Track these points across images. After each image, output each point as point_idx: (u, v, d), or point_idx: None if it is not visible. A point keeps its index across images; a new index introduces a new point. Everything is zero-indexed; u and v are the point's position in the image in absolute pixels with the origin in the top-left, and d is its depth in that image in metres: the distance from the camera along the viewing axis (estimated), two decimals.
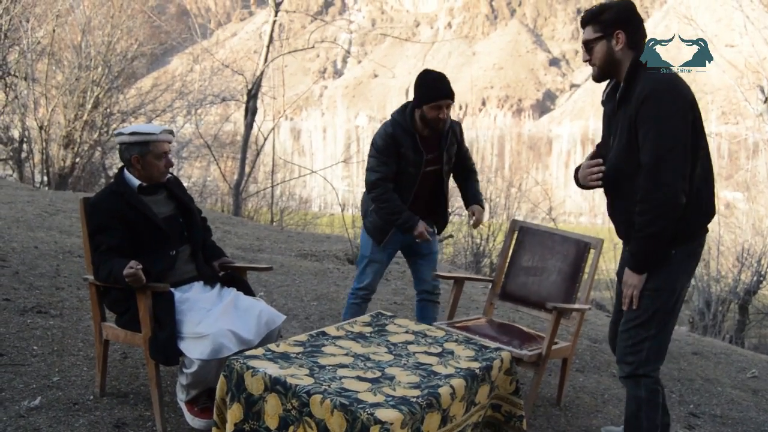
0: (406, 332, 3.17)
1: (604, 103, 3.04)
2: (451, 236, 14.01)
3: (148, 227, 3.20)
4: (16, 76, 14.38)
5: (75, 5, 16.56)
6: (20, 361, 3.60)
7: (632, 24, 2.86)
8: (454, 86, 3.95)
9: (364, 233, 4.17)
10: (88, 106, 15.13)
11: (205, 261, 3.47)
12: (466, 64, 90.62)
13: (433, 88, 3.83)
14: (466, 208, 4.17)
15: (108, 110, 16.18)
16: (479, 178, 4.30)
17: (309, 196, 21.83)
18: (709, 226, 2.91)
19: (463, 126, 4.34)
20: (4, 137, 14.92)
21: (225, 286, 3.42)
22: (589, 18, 2.90)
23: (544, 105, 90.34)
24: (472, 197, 4.14)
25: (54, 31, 15.26)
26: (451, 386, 2.63)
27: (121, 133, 3.31)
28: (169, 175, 3.43)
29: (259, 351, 2.72)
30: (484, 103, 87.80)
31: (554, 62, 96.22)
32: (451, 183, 4.25)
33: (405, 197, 3.94)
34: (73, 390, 3.38)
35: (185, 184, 17.12)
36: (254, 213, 16.45)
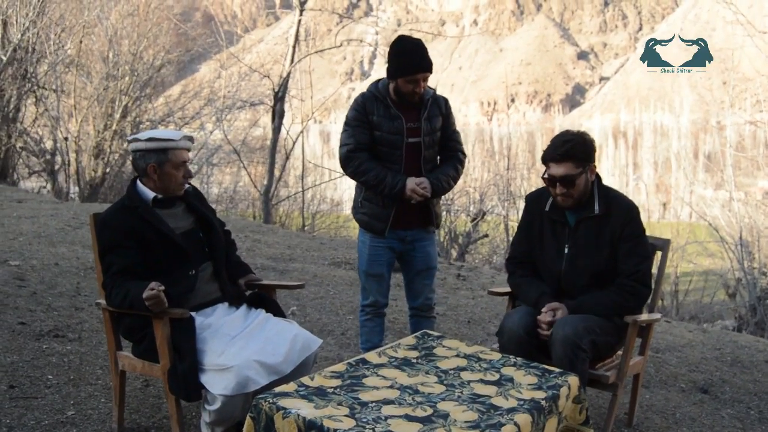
0: (457, 356, 2.80)
1: (546, 213, 3.29)
2: (486, 235, 13.58)
3: (164, 244, 2.86)
4: (45, 89, 14.33)
5: (102, 16, 16.52)
6: (33, 393, 3.30)
7: (595, 154, 3.21)
8: (482, 84, 3.61)
9: (360, 239, 3.77)
10: (117, 116, 15.07)
11: (229, 279, 3.12)
12: (493, 61, 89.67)
13: (408, 59, 3.44)
14: None
15: (137, 119, 16.11)
16: (459, 167, 3.72)
17: (341, 199, 21.54)
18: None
19: (493, 124, 3.92)
20: (36, 150, 14.91)
21: (252, 307, 3.07)
22: (566, 155, 3.11)
23: (574, 99, 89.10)
24: (431, 173, 3.62)
25: (81, 42, 15.20)
26: (516, 424, 2.25)
27: (136, 139, 2.95)
28: (188, 186, 3.08)
29: (291, 386, 2.36)
30: (513, 100, 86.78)
31: (582, 56, 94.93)
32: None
33: (394, 171, 3.54)
34: (89, 426, 3.06)
35: (215, 191, 16.92)
36: (286, 218, 16.20)
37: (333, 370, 2.54)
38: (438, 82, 4.02)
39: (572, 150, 3.12)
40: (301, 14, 14.22)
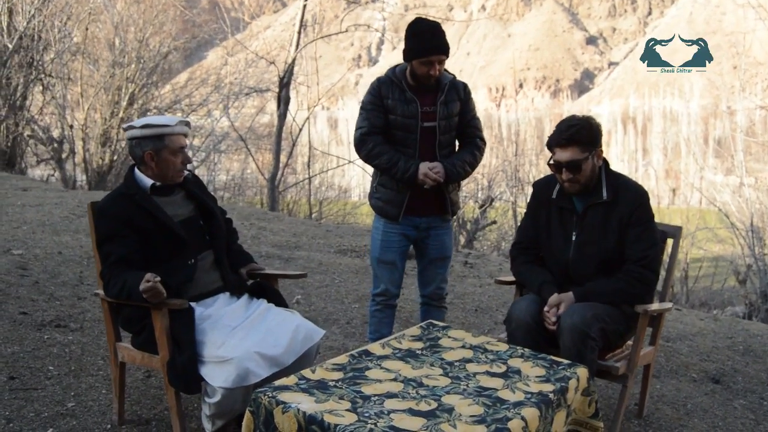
0: (463, 347, 2.73)
1: (553, 200, 3.23)
2: (494, 222, 13.49)
3: (163, 233, 2.80)
4: (52, 77, 14.29)
5: (108, 3, 16.45)
6: (33, 385, 3.25)
7: (601, 139, 3.16)
8: (490, 69, 3.51)
9: (374, 225, 3.72)
10: (124, 103, 15.01)
11: (230, 268, 3.06)
12: (501, 47, 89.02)
13: (423, 41, 3.37)
14: None
15: (144, 106, 16.05)
16: (477, 153, 3.62)
17: (348, 186, 21.51)
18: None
19: (501, 110, 3.83)
20: (44, 138, 14.90)
21: (254, 297, 3.01)
22: (571, 140, 3.06)
23: (583, 84, 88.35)
24: (447, 158, 3.54)
25: (87, 29, 15.13)
26: (523, 418, 2.18)
27: (131, 126, 2.89)
28: (187, 173, 3.01)
29: (292, 380, 2.30)
30: (521, 86, 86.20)
31: (591, 41, 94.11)
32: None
33: (408, 156, 3.49)
34: (89, 418, 3.02)
35: (223, 178, 16.88)
36: (293, 204, 16.15)
37: (335, 363, 2.48)
38: (446, 67, 3.91)
39: (577, 134, 3.06)
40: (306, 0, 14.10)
